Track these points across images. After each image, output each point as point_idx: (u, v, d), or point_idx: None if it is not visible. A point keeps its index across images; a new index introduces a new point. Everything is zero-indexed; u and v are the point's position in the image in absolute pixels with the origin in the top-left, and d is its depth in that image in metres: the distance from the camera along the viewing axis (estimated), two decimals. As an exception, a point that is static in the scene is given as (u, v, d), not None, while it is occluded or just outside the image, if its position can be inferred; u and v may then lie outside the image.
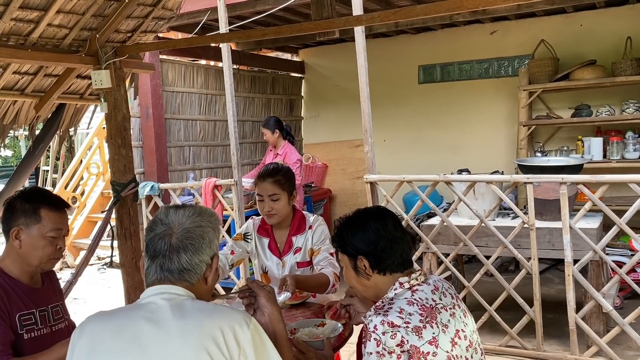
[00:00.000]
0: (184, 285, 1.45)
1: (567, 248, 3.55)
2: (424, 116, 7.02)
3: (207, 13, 4.91)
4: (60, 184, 7.64)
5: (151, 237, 1.47)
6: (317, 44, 7.53)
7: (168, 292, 1.42)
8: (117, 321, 1.39)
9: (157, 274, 1.45)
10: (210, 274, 1.50)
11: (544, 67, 5.78)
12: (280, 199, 2.55)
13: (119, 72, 3.54)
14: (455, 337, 1.64)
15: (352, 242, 1.74)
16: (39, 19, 3.09)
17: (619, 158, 5.53)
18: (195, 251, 1.45)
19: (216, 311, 1.40)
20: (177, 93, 5.97)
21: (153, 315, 1.37)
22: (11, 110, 3.68)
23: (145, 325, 1.35)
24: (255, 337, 1.39)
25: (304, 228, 2.63)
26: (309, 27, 3.07)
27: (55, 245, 1.97)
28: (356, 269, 1.75)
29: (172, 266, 1.44)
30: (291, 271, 2.60)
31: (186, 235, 1.45)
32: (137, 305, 1.44)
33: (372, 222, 1.74)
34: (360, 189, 7.05)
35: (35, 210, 1.94)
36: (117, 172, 3.63)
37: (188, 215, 1.49)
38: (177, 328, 1.34)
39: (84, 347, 1.38)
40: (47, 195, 2.04)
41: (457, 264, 4.32)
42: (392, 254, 1.72)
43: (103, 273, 6.59)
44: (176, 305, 1.39)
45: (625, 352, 3.70)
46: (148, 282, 1.47)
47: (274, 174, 2.57)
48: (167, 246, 1.44)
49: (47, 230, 1.94)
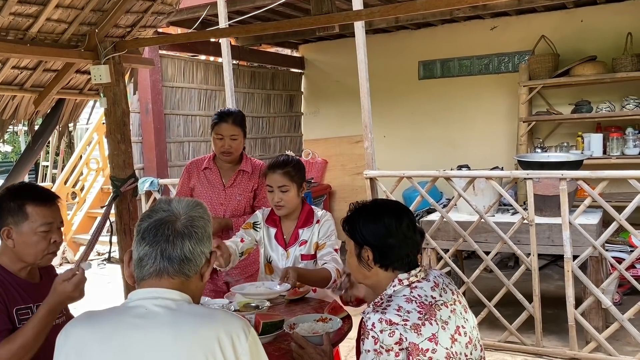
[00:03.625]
0: (180, 280, 1.37)
1: (566, 244, 3.55)
2: (423, 112, 7.01)
3: (206, 8, 4.90)
4: (59, 180, 7.63)
5: (151, 223, 1.38)
6: (317, 40, 7.52)
7: (161, 297, 1.33)
8: (104, 328, 1.31)
9: (157, 263, 1.35)
10: (207, 270, 1.43)
11: (544, 63, 5.77)
12: (290, 191, 2.55)
13: (118, 67, 3.54)
14: (455, 334, 1.64)
15: (361, 231, 1.73)
16: (37, 14, 3.08)
17: (618, 154, 5.53)
18: (198, 240, 1.39)
19: (213, 318, 1.33)
20: (177, 88, 5.96)
21: (143, 321, 1.29)
22: (10, 105, 3.67)
23: (135, 333, 1.28)
24: (253, 349, 1.33)
25: (312, 221, 2.64)
26: (309, 21, 3.07)
27: (49, 240, 1.94)
28: (359, 257, 1.74)
29: (175, 253, 1.36)
30: (295, 263, 2.60)
31: (191, 223, 1.40)
32: (125, 308, 1.35)
33: (387, 218, 1.72)
34: (360, 184, 7.04)
35: (21, 208, 1.89)
36: (117, 167, 3.63)
37: (191, 206, 1.44)
38: (170, 336, 1.27)
39: (70, 356, 1.31)
40: (33, 190, 1.97)
41: (456, 260, 4.32)
42: (399, 253, 1.71)
43: (102, 268, 6.59)
44: (171, 311, 1.31)
45: (624, 347, 3.70)
46: (143, 274, 1.37)
47: (284, 165, 2.57)
48: (171, 231, 1.37)
49: (37, 225, 1.90)
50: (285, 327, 1.99)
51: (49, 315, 1.80)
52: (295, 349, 1.81)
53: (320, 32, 4.89)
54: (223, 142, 2.99)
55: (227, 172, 3.10)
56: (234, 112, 3.10)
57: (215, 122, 3.03)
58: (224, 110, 3.16)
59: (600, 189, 3.49)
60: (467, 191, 3.91)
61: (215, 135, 3.01)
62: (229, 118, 3.01)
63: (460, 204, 4.22)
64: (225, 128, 2.99)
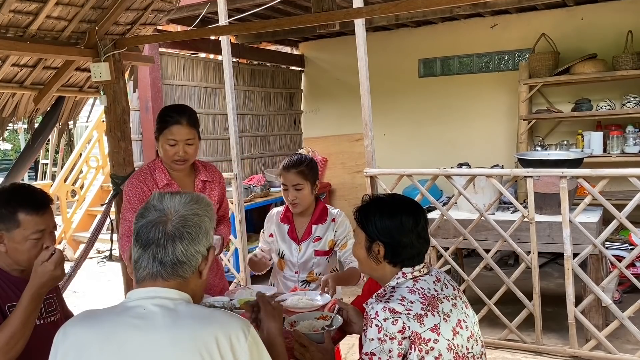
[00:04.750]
0: (177, 282, 1.34)
1: (566, 242, 3.55)
2: (424, 110, 7.01)
3: (206, 6, 4.88)
4: (59, 177, 7.63)
5: (143, 225, 1.35)
6: (317, 37, 7.51)
7: (159, 297, 1.31)
8: (103, 328, 1.29)
9: (150, 266, 1.33)
10: (205, 266, 1.39)
11: (545, 61, 5.76)
12: (304, 189, 2.64)
13: (118, 65, 3.53)
14: (456, 327, 1.65)
15: (376, 226, 1.72)
16: (37, 11, 3.08)
17: (619, 152, 5.53)
18: (191, 240, 1.34)
19: (212, 319, 1.30)
20: (177, 86, 5.95)
21: (142, 322, 1.27)
22: (10, 103, 3.67)
23: (133, 334, 1.26)
24: (253, 349, 1.31)
25: (325, 219, 2.72)
26: (309, 19, 3.07)
27: (41, 245, 1.91)
28: (369, 250, 1.74)
29: (166, 257, 1.32)
30: (308, 258, 2.68)
31: (182, 223, 1.34)
32: (124, 308, 1.33)
33: (405, 216, 1.71)
34: (360, 182, 7.04)
35: (12, 215, 1.86)
36: (117, 165, 3.62)
37: (184, 202, 1.38)
38: (168, 338, 1.25)
39: (69, 356, 1.29)
40: (25, 197, 1.91)
41: (456, 258, 4.32)
42: (411, 251, 1.71)
43: (102, 266, 6.59)
44: (168, 312, 1.29)
45: (624, 345, 3.71)
46: (139, 277, 1.35)
47: (298, 165, 2.66)
48: (162, 234, 1.33)
49: (29, 233, 1.87)
50: (286, 324, 1.98)
51: (33, 300, 1.78)
52: (297, 347, 1.81)
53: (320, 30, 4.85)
54: (176, 148, 2.41)
55: (186, 184, 2.57)
56: (186, 110, 2.48)
57: (163, 124, 2.42)
58: (173, 107, 2.55)
59: (601, 187, 3.49)
60: (468, 189, 3.91)
61: (165, 140, 2.41)
62: (182, 118, 2.41)
63: (460, 202, 4.22)
64: (179, 131, 2.40)
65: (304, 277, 2.70)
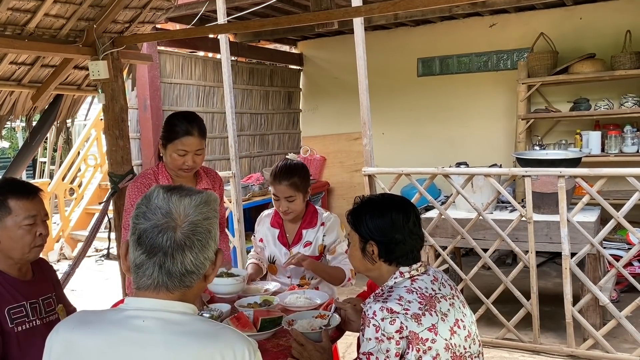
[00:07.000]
0: (182, 292, 1.24)
1: (564, 241, 3.56)
2: (422, 109, 7.01)
3: (205, 4, 4.89)
4: (57, 176, 7.61)
5: (147, 228, 1.22)
6: (316, 36, 7.50)
7: (161, 310, 1.22)
8: (99, 339, 1.20)
9: (155, 276, 1.21)
10: (212, 272, 1.30)
11: (543, 61, 5.77)
12: (296, 200, 2.59)
13: (117, 63, 3.53)
14: (454, 327, 1.65)
15: (368, 226, 1.74)
16: (35, 9, 3.07)
17: (617, 152, 5.54)
18: (201, 248, 1.24)
19: (217, 337, 1.21)
20: (175, 85, 5.95)
21: (140, 337, 1.18)
22: (8, 101, 3.66)
23: (132, 350, 1.17)
24: None
25: (315, 223, 2.66)
26: (308, 18, 3.07)
27: (34, 233, 1.93)
28: (364, 251, 1.75)
29: (175, 268, 1.21)
30: None
31: (193, 231, 1.23)
32: (122, 318, 1.22)
33: (395, 213, 1.73)
34: (358, 181, 7.05)
35: (3, 203, 1.89)
36: (115, 163, 3.62)
37: (195, 205, 1.26)
38: (169, 358, 1.17)
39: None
40: (14, 185, 1.97)
41: (454, 257, 4.32)
42: (404, 248, 1.72)
43: (100, 265, 6.58)
44: (170, 327, 1.20)
45: (622, 345, 3.71)
46: (141, 285, 1.23)
47: (290, 176, 2.56)
48: (171, 242, 1.21)
49: (21, 219, 1.90)
50: (284, 323, 1.99)
51: None
52: (294, 345, 1.81)
53: (319, 29, 4.87)
54: (186, 158, 2.37)
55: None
56: (196, 120, 2.42)
57: (173, 135, 2.37)
58: (183, 116, 2.43)
59: (599, 186, 3.49)
60: (466, 188, 3.91)
61: (175, 149, 2.36)
62: (193, 129, 2.36)
63: (458, 201, 4.23)
64: (190, 142, 2.35)
65: (296, 282, 2.67)
